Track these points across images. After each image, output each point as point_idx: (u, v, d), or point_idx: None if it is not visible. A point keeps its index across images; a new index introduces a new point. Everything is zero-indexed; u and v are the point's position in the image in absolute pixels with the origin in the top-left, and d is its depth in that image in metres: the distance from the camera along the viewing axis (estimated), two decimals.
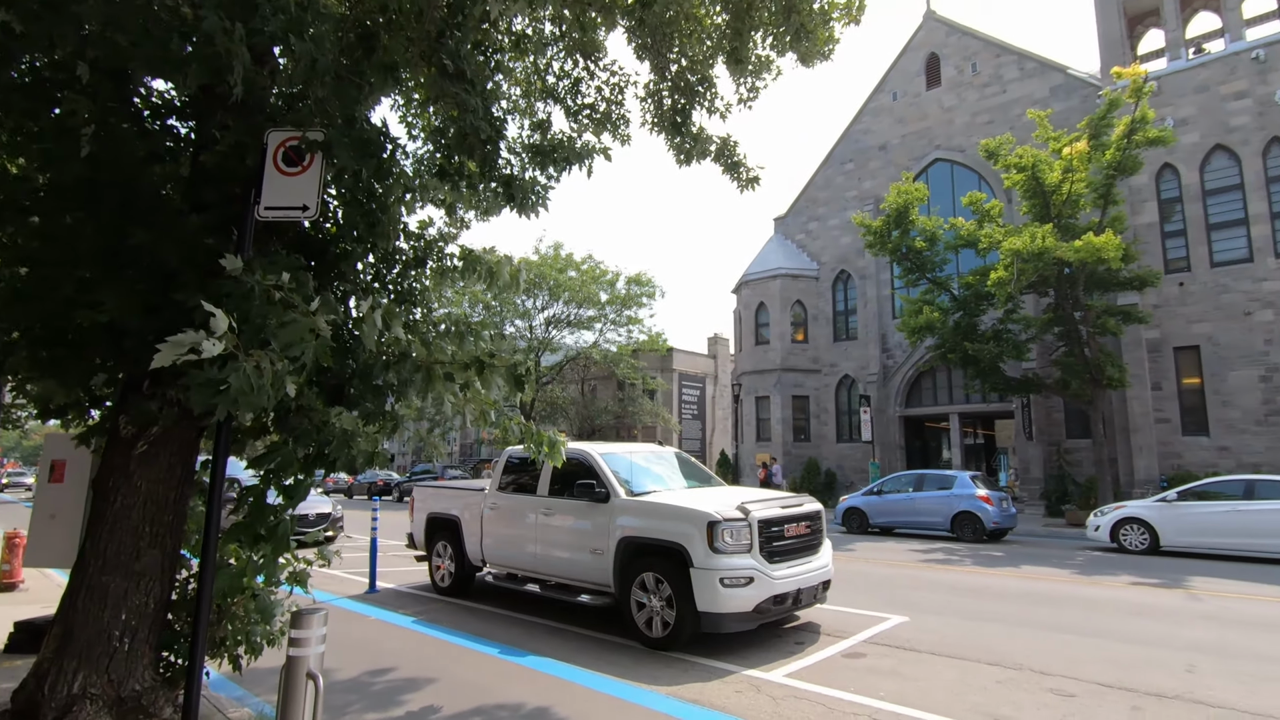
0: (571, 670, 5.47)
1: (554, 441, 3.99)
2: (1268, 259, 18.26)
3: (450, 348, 3.80)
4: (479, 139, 3.95)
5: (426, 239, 4.33)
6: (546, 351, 30.42)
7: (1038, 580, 9.99)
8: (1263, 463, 17.24)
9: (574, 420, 31.75)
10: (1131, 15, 22.38)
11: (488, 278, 4.02)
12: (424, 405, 4.15)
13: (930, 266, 20.27)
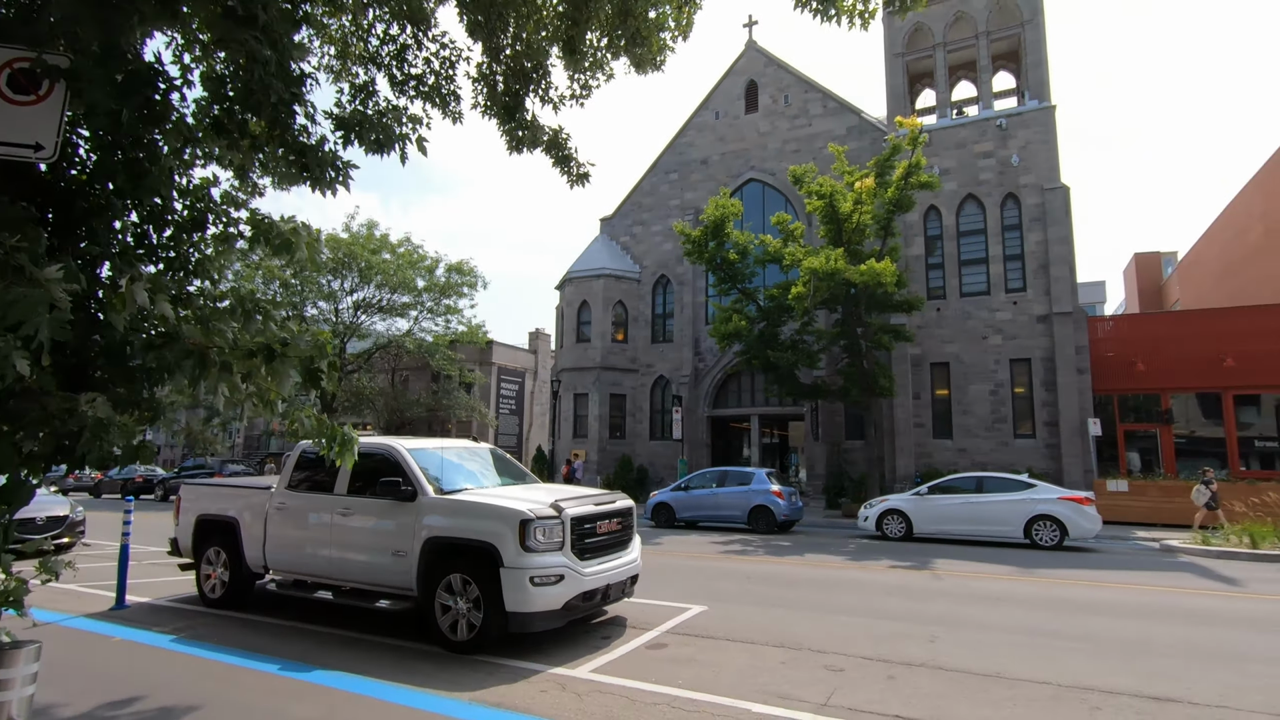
0: (364, 683, 5.07)
1: (348, 439, 3.63)
2: (1000, 293, 22.01)
3: (233, 328, 3.31)
4: (268, 98, 3.49)
5: (207, 200, 3.74)
6: (354, 337, 28.20)
7: (818, 567, 11.12)
8: (989, 461, 20.73)
9: (382, 412, 29.78)
10: (913, 74, 25.81)
11: (282, 250, 3.56)
12: (198, 392, 3.59)
13: (741, 278, 21.79)
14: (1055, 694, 4.92)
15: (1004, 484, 14.52)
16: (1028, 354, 21.30)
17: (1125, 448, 20.47)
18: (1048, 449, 20.62)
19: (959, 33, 23.99)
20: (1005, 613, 7.68)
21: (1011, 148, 22.26)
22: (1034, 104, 22.23)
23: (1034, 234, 21.61)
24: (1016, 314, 21.63)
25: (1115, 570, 10.91)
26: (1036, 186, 21.71)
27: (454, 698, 4.80)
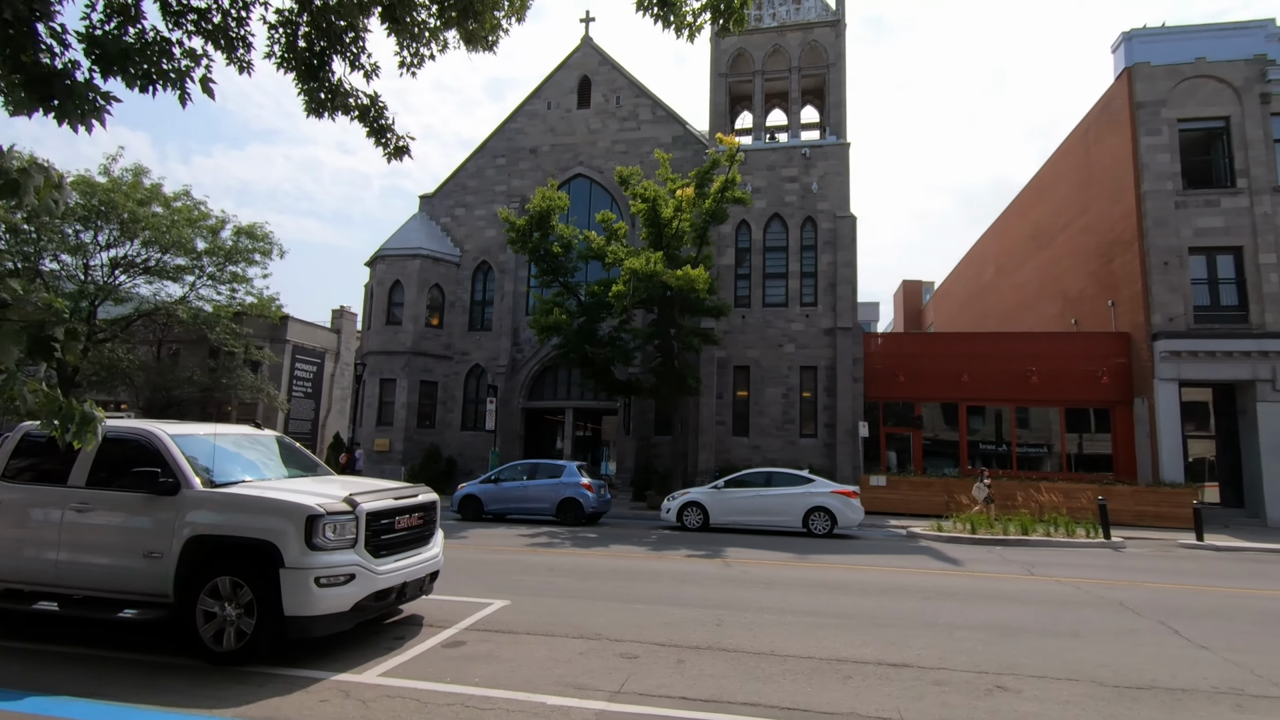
0: (96, 707, 4.34)
1: (88, 419, 3.07)
2: (796, 306, 24.31)
3: None
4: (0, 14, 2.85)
5: None
6: (108, 301, 23.95)
7: (620, 558, 11.50)
8: (778, 458, 22.83)
9: (142, 390, 25.68)
10: (734, 95, 27.61)
11: (6, 192, 2.91)
12: None
13: (564, 271, 21.88)
14: (816, 666, 5.54)
15: (788, 479, 16.09)
16: (815, 362, 23.77)
17: (886, 448, 23.63)
18: (826, 447, 23.17)
19: (776, 64, 26.08)
20: (780, 595, 8.51)
21: (813, 176, 24.67)
22: (833, 139, 24.82)
23: (826, 255, 24.15)
24: (808, 326, 24.03)
25: (870, 554, 12.55)
26: (830, 213, 24.28)
27: (214, 714, 4.28)
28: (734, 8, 4.98)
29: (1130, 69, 21.57)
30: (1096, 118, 24.10)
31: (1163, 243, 20.56)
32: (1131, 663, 5.80)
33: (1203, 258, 20.59)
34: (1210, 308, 20.42)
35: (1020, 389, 22.28)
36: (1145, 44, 21.63)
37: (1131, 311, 21.39)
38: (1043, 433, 23.04)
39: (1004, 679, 5.30)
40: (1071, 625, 7.17)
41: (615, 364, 21.80)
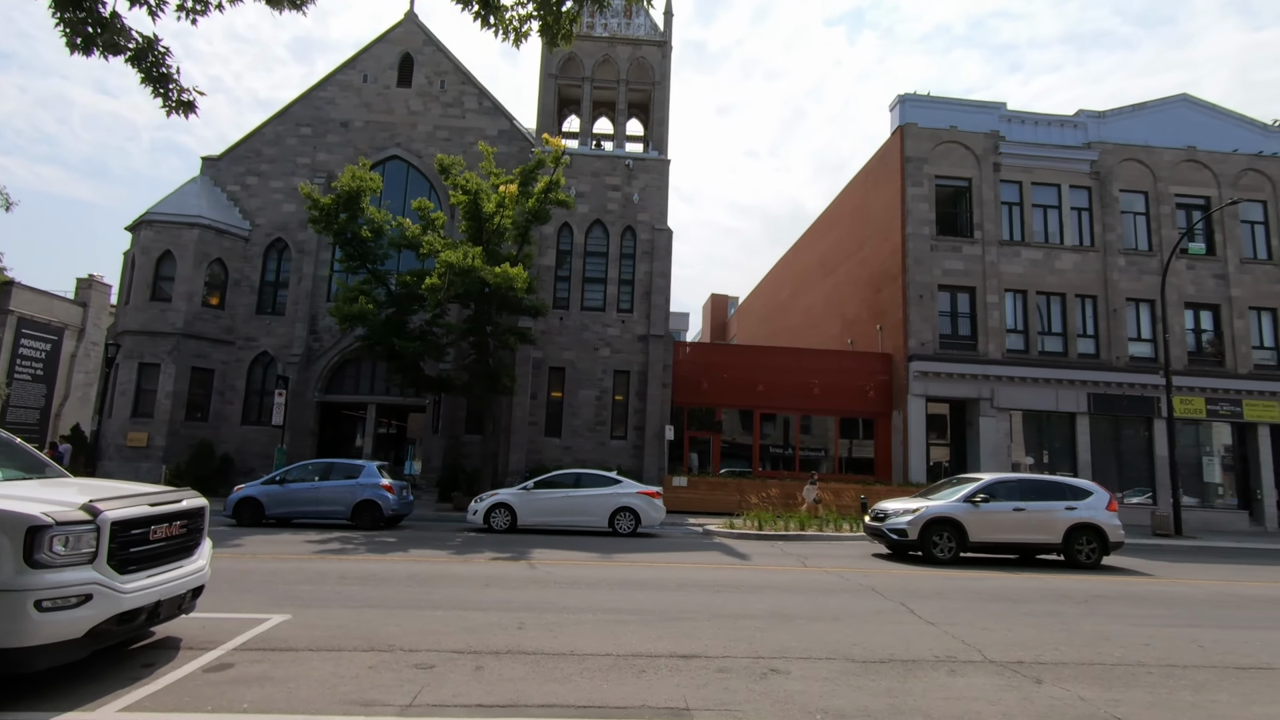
0: None
1: None
2: (613, 311, 24.98)
3: None
4: None
5: None
6: None
7: (421, 562, 11.01)
8: (589, 459, 23.27)
9: None
10: (563, 98, 27.74)
11: None
12: None
13: (373, 258, 20.51)
14: (613, 663, 5.74)
15: (597, 480, 16.47)
16: (628, 367, 24.59)
17: (689, 450, 25.09)
18: (634, 449, 24.05)
19: (605, 73, 26.64)
20: (582, 595, 8.69)
21: (634, 187, 25.54)
22: (655, 154, 25.91)
23: (643, 265, 25.12)
24: (623, 331, 24.81)
25: (669, 552, 13.26)
26: (649, 224, 25.30)
27: None
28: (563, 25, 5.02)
29: (902, 128, 25.08)
30: (875, 165, 27.67)
31: (920, 279, 24.13)
32: (877, 640, 6.73)
33: (948, 294, 24.49)
34: (951, 336, 24.33)
35: (805, 399, 24.87)
36: (914, 108, 25.29)
37: (894, 336, 24.81)
38: (821, 438, 25.90)
39: (776, 662, 5.88)
40: (834, 610, 8.15)
41: (426, 359, 20.85)
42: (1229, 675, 6.01)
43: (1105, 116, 25.92)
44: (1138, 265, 24.92)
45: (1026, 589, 10.23)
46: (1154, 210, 25.41)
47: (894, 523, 12.99)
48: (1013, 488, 13.43)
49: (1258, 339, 25.08)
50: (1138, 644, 6.95)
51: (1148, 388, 23.60)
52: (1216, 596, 10.34)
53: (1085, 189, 25.43)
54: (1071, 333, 24.50)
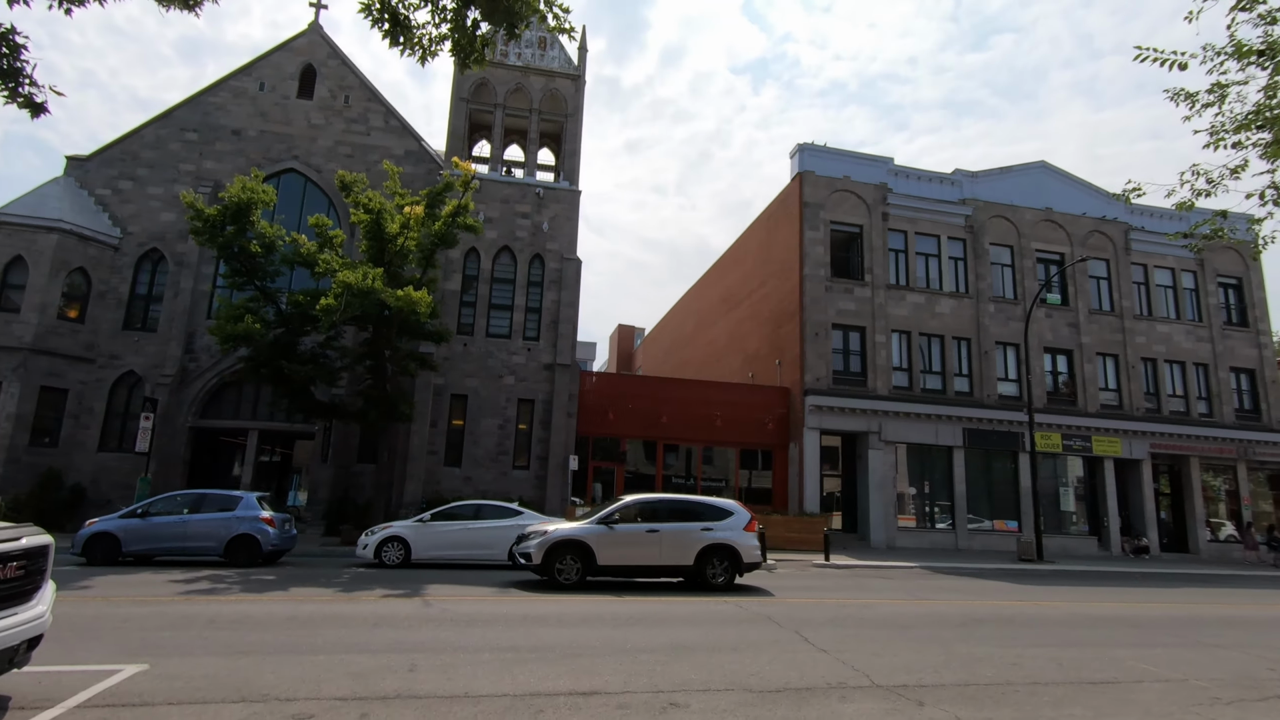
0: None
1: None
2: (519, 339, 24.67)
3: None
4: None
5: None
6: None
7: (304, 602, 10.25)
8: (490, 490, 22.63)
9: None
10: (474, 123, 27.51)
11: None
12: None
13: (262, 275, 19.33)
14: (510, 704, 5.54)
15: (498, 511, 16.02)
16: (533, 396, 24.26)
17: (593, 480, 24.92)
18: (537, 479, 23.63)
19: (517, 101, 26.69)
20: (480, 633, 8.37)
21: (544, 215, 25.54)
22: (566, 184, 26.08)
23: (551, 293, 25.04)
24: (529, 359, 24.51)
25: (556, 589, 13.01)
26: (558, 254, 25.32)
27: None
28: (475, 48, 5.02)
29: (801, 175, 26.57)
30: (776, 208, 29.08)
31: (815, 317, 25.40)
32: (773, 670, 6.87)
33: (841, 333, 25.89)
34: (844, 373, 25.68)
35: (707, 431, 25.39)
36: (813, 156, 26.89)
37: (792, 371, 25.89)
38: (722, 469, 26.46)
39: (676, 695, 5.88)
40: (732, 641, 8.26)
41: (317, 383, 19.70)
42: (1084, 690, 6.56)
43: (977, 176, 28.56)
44: (1005, 312, 27.36)
45: (695, 612, 10.77)
46: (1018, 263, 28.08)
47: (523, 547, 12.63)
48: (653, 509, 13.09)
49: (1103, 381, 28.05)
50: (1006, 664, 7.47)
51: (1014, 424, 25.77)
52: (1071, 617, 11.30)
53: (961, 240, 27.79)
54: (949, 372, 26.48)
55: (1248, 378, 29.67)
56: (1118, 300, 28.80)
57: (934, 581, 15.97)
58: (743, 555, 12.85)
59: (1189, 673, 7.47)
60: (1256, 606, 13.81)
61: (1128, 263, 29.21)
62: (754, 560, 12.96)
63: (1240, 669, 7.77)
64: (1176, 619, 11.50)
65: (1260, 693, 6.78)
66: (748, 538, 13.00)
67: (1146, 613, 12.10)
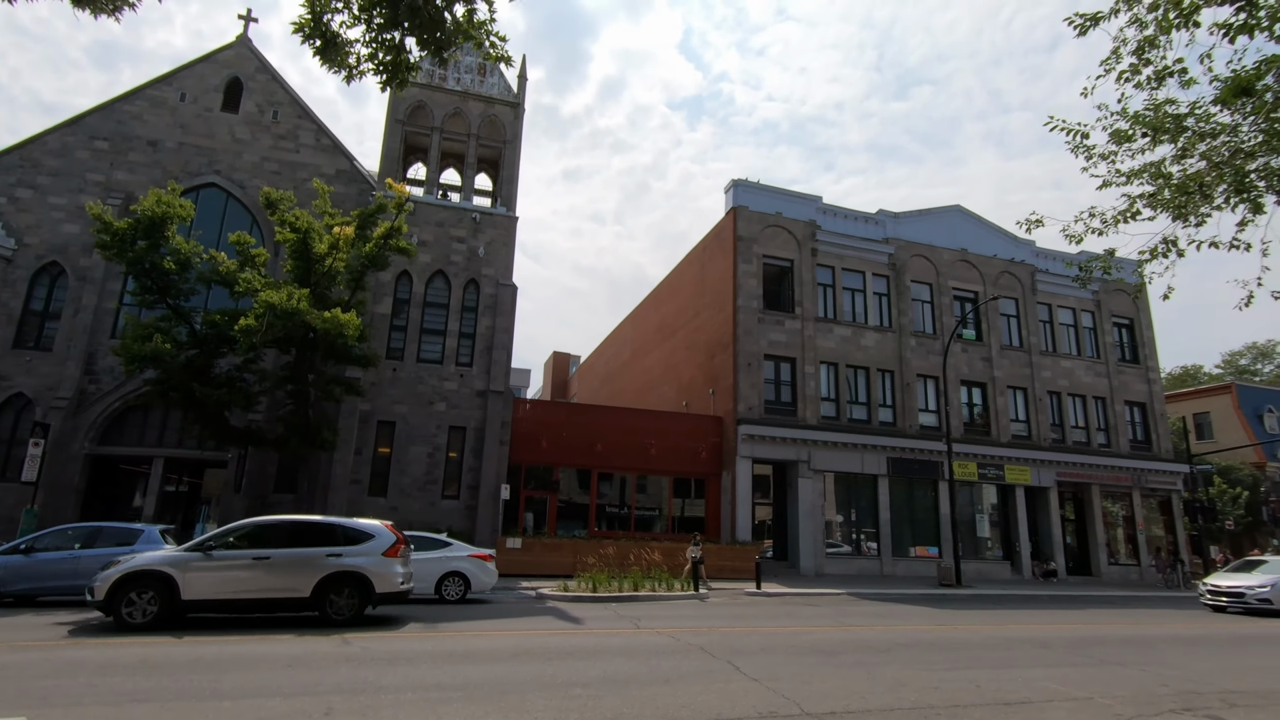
0: None
1: None
2: (451, 365, 24.16)
3: None
4: None
5: None
6: None
7: (209, 644, 9.56)
8: (417, 520, 21.85)
9: None
10: (410, 145, 27.15)
11: None
12: None
13: (175, 293, 18.33)
14: None
15: (425, 542, 15.45)
16: (465, 423, 23.72)
17: (525, 510, 24.44)
18: (467, 509, 22.99)
19: (455, 126, 26.53)
20: (403, 671, 8.00)
21: (480, 240, 25.31)
22: (503, 210, 25.97)
23: (485, 319, 24.70)
24: (461, 386, 24.00)
25: (500, 619, 12.66)
26: (494, 279, 25.07)
27: None
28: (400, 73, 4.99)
29: (735, 209, 27.35)
30: (712, 241, 29.77)
31: (748, 348, 25.96)
32: (705, 701, 6.85)
33: (772, 363, 26.54)
34: (775, 402, 26.26)
35: (641, 459, 25.40)
36: (746, 192, 27.75)
37: (725, 400, 26.29)
38: (656, 498, 26.46)
39: None
40: (665, 673, 8.18)
41: (232, 408, 18.67)
42: (1000, 711, 6.81)
43: (899, 217, 30.11)
44: (925, 346, 28.72)
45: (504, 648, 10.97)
46: (937, 300, 29.62)
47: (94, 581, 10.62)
48: (267, 532, 11.48)
49: (1014, 413, 29.72)
50: (928, 687, 7.68)
51: (934, 453, 26.90)
52: (988, 640, 11.76)
53: (885, 277, 29.12)
54: (874, 402, 27.48)
55: (1140, 411, 32.05)
56: (1026, 337, 30.71)
57: (860, 607, 16.34)
58: (375, 584, 11.38)
59: (1094, 690, 7.87)
60: (1151, 626, 14.74)
61: (1034, 302, 31.26)
62: (388, 590, 11.49)
63: (1138, 685, 8.25)
64: (1083, 639, 12.13)
65: (1156, 708, 7.20)
66: (387, 564, 11.58)
67: (1056, 634, 12.73)
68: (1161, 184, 7.75)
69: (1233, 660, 10.45)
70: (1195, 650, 11.35)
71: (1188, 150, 7.60)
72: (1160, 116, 7.56)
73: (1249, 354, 68.98)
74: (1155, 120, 7.57)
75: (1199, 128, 7.50)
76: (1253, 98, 6.99)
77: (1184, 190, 7.46)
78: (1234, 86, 7.00)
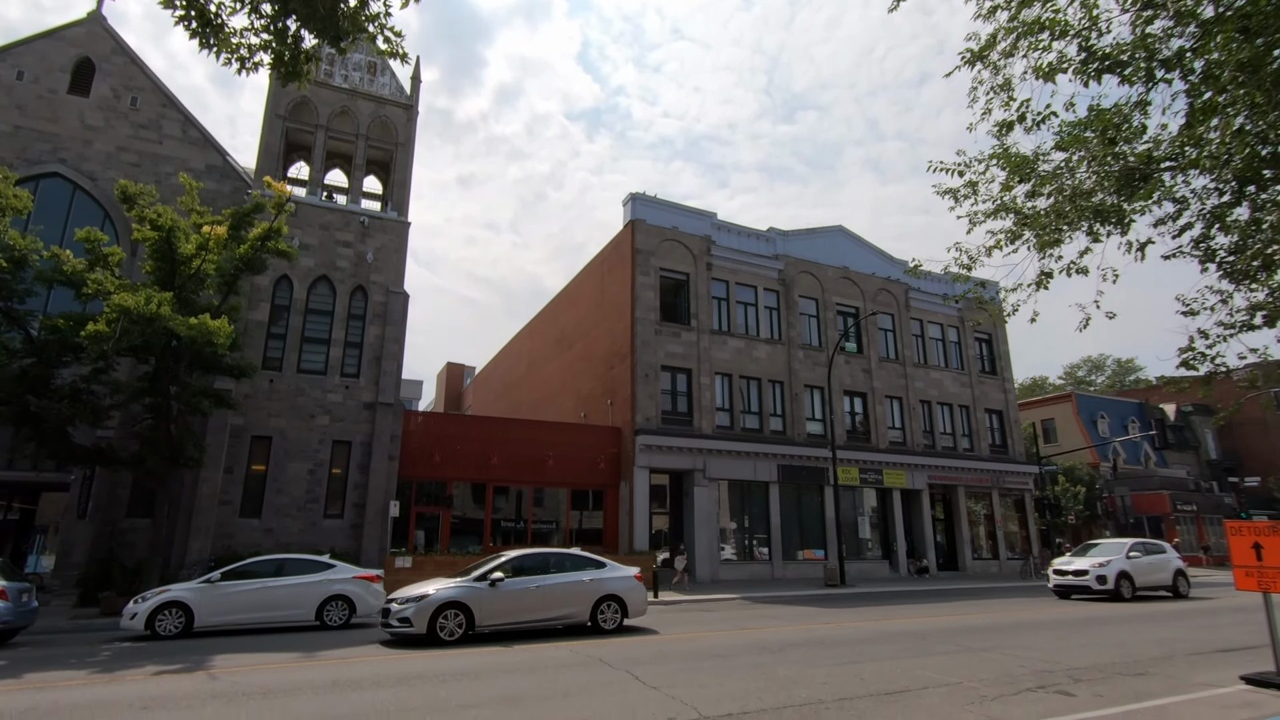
0: None
1: None
2: (336, 375, 22.83)
3: None
4: None
5: None
6: None
7: (44, 689, 8.44)
8: (296, 542, 20.41)
9: None
10: (291, 142, 25.55)
11: None
12: None
13: (9, 294, 16.23)
14: None
15: (305, 565, 14.43)
16: (351, 437, 22.45)
17: (416, 527, 23.41)
18: (353, 529, 21.73)
19: (342, 125, 25.27)
20: (280, 705, 7.41)
21: (369, 245, 24.16)
22: (394, 215, 24.94)
23: (374, 328, 23.57)
24: (347, 398, 22.73)
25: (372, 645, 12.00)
26: (384, 286, 23.99)
27: None
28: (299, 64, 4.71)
29: (633, 222, 27.71)
30: (611, 253, 29.98)
31: (646, 359, 26.28)
32: (605, 710, 6.80)
33: (670, 374, 27.00)
34: (672, 413, 26.71)
35: (539, 472, 25.04)
36: (644, 206, 28.20)
37: (623, 410, 26.45)
38: (553, 510, 26.13)
39: None
40: (564, 687, 8.06)
41: (77, 424, 16.68)
42: (882, 701, 7.21)
43: (788, 235, 31.62)
44: (812, 358, 30.23)
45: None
46: (822, 314, 31.29)
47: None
48: None
49: (891, 420, 31.82)
50: (818, 683, 8.02)
51: (820, 459, 28.29)
52: (871, 635, 12.44)
53: (775, 292, 30.44)
54: (766, 412, 28.57)
55: (998, 418, 35.25)
56: (901, 350, 33.02)
57: (754, 610, 16.84)
58: None
59: (963, 675, 8.50)
60: (1011, 613, 16.14)
61: (908, 318, 33.71)
62: None
63: (1000, 668, 8.99)
64: (952, 628, 13.10)
65: (1015, 687, 7.88)
66: None
67: (930, 626, 13.66)
68: (1019, 222, 8.61)
69: (1075, 640, 11.63)
70: (1046, 633, 12.52)
71: (1037, 191, 8.51)
72: (1010, 158, 8.43)
73: (1085, 366, 77.73)
74: (1008, 161, 8.44)
75: (1042, 171, 8.43)
76: (1083, 145, 7.94)
77: (1042, 225, 8.32)
78: (1069, 136, 7.96)
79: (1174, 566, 20.24)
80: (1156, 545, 20.82)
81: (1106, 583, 18.70)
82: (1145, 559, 19.69)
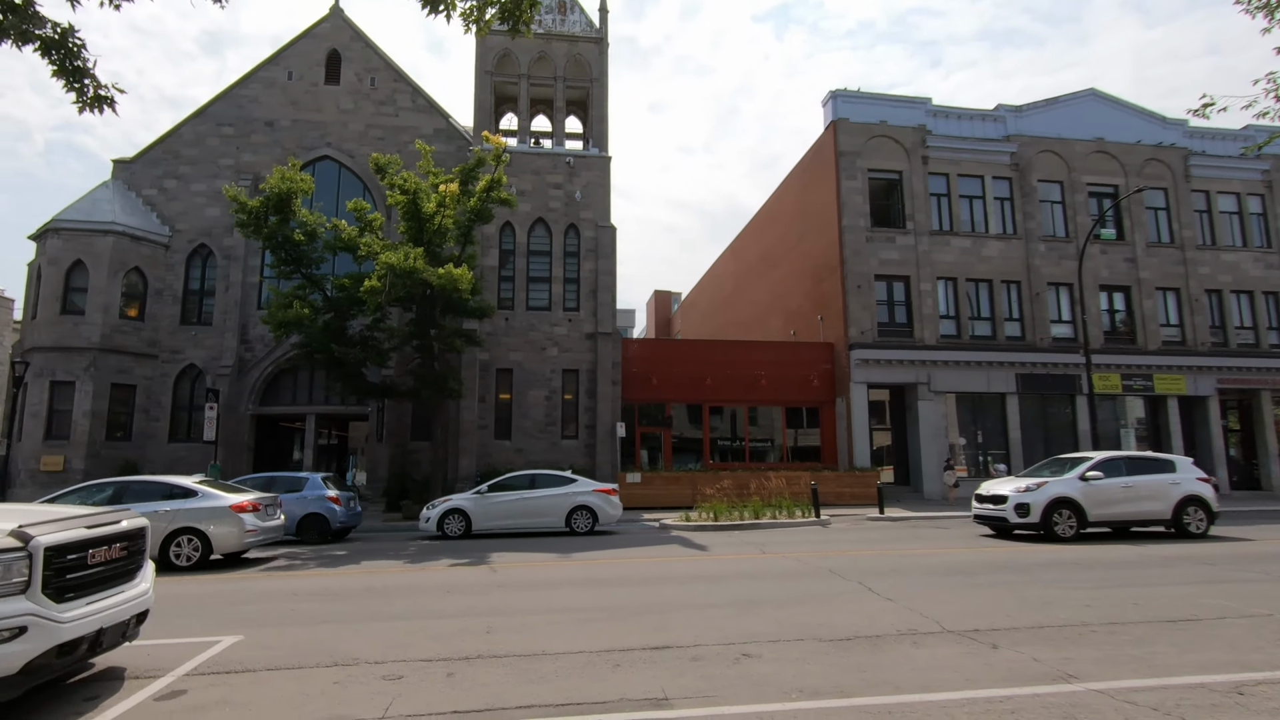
0: None
1: None
2: (559, 310, 24.80)
3: None
4: None
5: None
6: None
7: (377, 574, 10.68)
8: (541, 460, 23.05)
9: None
10: (500, 95, 27.33)
11: None
12: None
13: (307, 262, 19.76)
14: (588, 660, 5.71)
15: (553, 480, 16.32)
16: (577, 365, 24.46)
17: (641, 446, 25.15)
18: (586, 448, 23.95)
19: (541, 70, 26.38)
20: (547, 595, 8.61)
21: (576, 184, 25.40)
22: (595, 151, 25.82)
23: (588, 263, 25.02)
24: (571, 330, 24.66)
25: (630, 548, 13.27)
26: (593, 222, 25.21)
27: None
28: (523, 11, 4.95)
29: (835, 123, 25.74)
30: (811, 160, 28.32)
31: (857, 269, 24.84)
32: (842, 619, 6.91)
33: (884, 284, 25.30)
34: (889, 324, 25.16)
35: (752, 391, 25.28)
36: (846, 103, 25.99)
37: (835, 325, 25.48)
38: (768, 429, 26.38)
39: (749, 647, 5.97)
40: (797, 594, 8.32)
41: (368, 365, 20.22)
42: (1164, 629, 6.43)
43: (1022, 110, 27.26)
44: (1057, 251, 26.32)
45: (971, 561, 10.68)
46: (1069, 199, 26.89)
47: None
48: None
49: (1164, 317, 26.89)
50: (1080, 604, 7.36)
51: (1070, 366, 24.97)
52: (1143, 559, 11.03)
53: (1007, 180, 26.70)
54: (999, 317, 25.71)
55: None
56: (1178, 231, 27.41)
57: None
58: None
59: (1275, 607, 7.24)
60: None
61: (1188, 190, 27.69)
62: None
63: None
64: (1248, 555, 11.13)
65: None
66: None
67: (1217, 551, 11.74)
68: None
69: None
70: None
71: None
72: None
73: None
74: None
75: None
76: None
77: None
78: None
79: (1178, 493, 13.79)
80: (1156, 462, 14.60)
81: (1029, 514, 13.38)
82: (1116, 481, 13.67)
